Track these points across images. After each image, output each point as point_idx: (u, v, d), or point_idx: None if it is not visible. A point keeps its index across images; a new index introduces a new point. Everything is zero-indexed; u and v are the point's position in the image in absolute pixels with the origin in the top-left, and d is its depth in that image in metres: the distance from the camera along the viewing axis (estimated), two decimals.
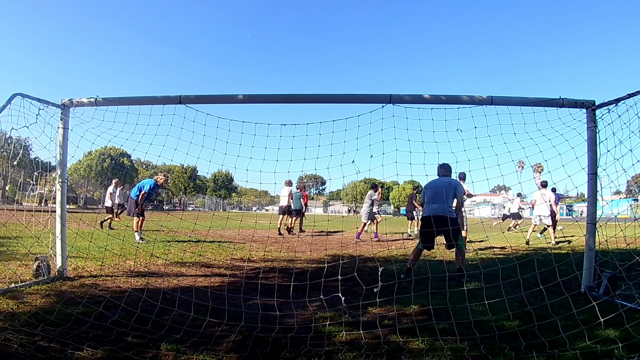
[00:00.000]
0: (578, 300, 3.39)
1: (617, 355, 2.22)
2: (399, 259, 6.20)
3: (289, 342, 2.47)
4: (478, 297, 3.40)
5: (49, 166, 4.83)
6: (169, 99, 3.90)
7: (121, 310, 2.95)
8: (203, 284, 4.19)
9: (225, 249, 7.09)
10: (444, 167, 4.86)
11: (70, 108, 4.16)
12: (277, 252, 7.07)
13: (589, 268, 3.74)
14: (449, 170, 4.86)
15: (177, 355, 2.26)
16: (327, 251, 7.20)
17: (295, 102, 4.26)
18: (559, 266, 4.01)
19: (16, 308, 3.00)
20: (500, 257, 6.72)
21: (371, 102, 3.69)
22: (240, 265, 5.41)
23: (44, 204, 4.42)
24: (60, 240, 4.12)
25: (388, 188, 69.16)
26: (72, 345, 2.28)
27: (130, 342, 2.39)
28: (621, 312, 2.65)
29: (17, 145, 4.50)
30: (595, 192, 3.73)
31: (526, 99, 3.72)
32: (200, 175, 66.23)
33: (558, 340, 2.45)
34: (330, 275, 3.79)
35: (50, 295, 3.45)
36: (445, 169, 4.86)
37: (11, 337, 2.30)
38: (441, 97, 3.70)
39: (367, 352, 2.33)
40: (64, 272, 4.15)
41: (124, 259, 5.43)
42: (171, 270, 4.93)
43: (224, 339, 2.57)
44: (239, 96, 3.92)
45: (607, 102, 3.61)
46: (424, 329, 2.71)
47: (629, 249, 3.72)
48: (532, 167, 4.42)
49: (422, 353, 2.33)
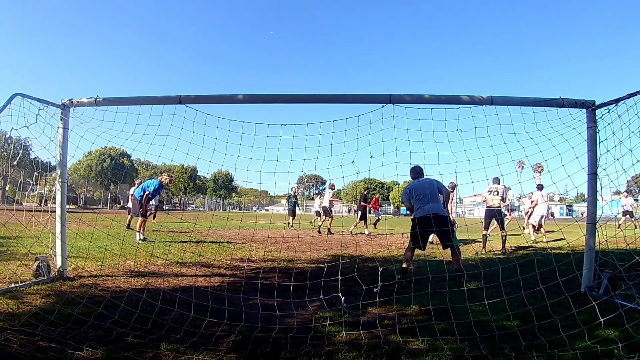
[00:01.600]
0: (578, 300, 3.39)
1: (617, 355, 2.22)
2: (399, 259, 6.20)
3: (289, 342, 2.47)
4: (478, 297, 3.40)
5: (49, 166, 4.83)
6: (169, 99, 3.90)
7: (121, 310, 2.95)
8: (203, 284, 4.19)
9: (225, 249, 7.09)
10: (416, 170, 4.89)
11: (70, 108, 4.16)
12: (277, 252, 7.07)
13: (589, 268, 3.74)
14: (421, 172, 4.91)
15: (177, 355, 2.26)
16: (327, 251, 7.20)
17: (296, 102, 4.26)
18: (559, 266, 4.01)
19: (16, 308, 3.00)
20: (500, 257, 6.72)
21: (371, 102, 3.69)
22: (240, 265, 5.41)
23: (44, 204, 4.42)
24: (60, 240, 4.12)
25: (388, 188, 69.17)
26: (72, 345, 2.28)
27: (130, 342, 2.39)
28: (621, 312, 2.65)
29: (17, 145, 4.51)
30: (595, 192, 3.73)
31: (526, 99, 3.72)
32: (200, 175, 66.25)
33: (558, 340, 2.45)
34: (330, 275, 3.79)
35: (50, 295, 3.45)
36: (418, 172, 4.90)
37: (11, 337, 2.30)
38: (441, 97, 3.71)
39: (367, 352, 2.33)
40: (64, 272, 4.15)
41: (124, 259, 5.43)
42: (171, 270, 4.93)
43: (224, 339, 2.56)
44: (239, 96, 3.93)
45: (607, 102, 3.61)
46: (424, 329, 2.71)
47: (629, 249, 3.73)
48: (532, 167, 4.41)
49: (422, 353, 2.33)
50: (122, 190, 36.54)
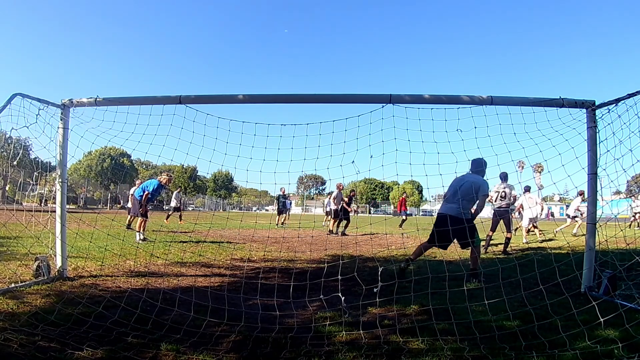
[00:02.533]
0: (578, 300, 3.39)
1: (617, 355, 2.22)
2: (399, 259, 6.20)
3: (289, 342, 2.47)
4: (478, 297, 3.40)
5: (49, 166, 4.83)
6: (169, 99, 3.90)
7: (121, 310, 2.95)
8: (203, 284, 4.19)
9: (225, 249, 7.09)
10: (474, 162, 4.50)
11: (70, 108, 4.16)
12: (277, 252, 7.07)
13: (589, 268, 3.74)
14: (479, 166, 4.49)
15: (177, 355, 2.26)
16: (327, 251, 7.20)
17: (296, 102, 4.26)
18: (559, 266, 4.01)
19: (16, 308, 3.00)
20: (500, 257, 6.73)
21: (371, 102, 3.69)
22: (240, 265, 5.40)
23: (44, 204, 4.42)
24: (60, 240, 4.12)
25: (388, 188, 69.22)
26: (72, 345, 2.28)
27: (130, 342, 2.39)
28: (621, 312, 2.65)
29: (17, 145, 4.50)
30: (596, 192, 3.73)
31: (526, 99, 3.72)
32: (200, 175, 66.33)
33: (558, 340, 2.45)
34: (330, 275, 3.79)
35: (50, 295, 3.45)
36: (475, 165, 4.52)
37: (11, 337, 2.30)
38: (441, 97, 3.70)
39: (367, 352, 2.33)
40: (64, 272, 4.15)
41: (124, 259, 5.43)
42: (171, 270, 4.93)
43: (224, 339, 2.56)
44: (239, 96, 3.93)
45: (607, 102, 3.61)
46: (424, 329, 2.71)
47: (629, 249, 3.73)
48: (532, 167, 4.41)
49: (422, 353, 2.33)
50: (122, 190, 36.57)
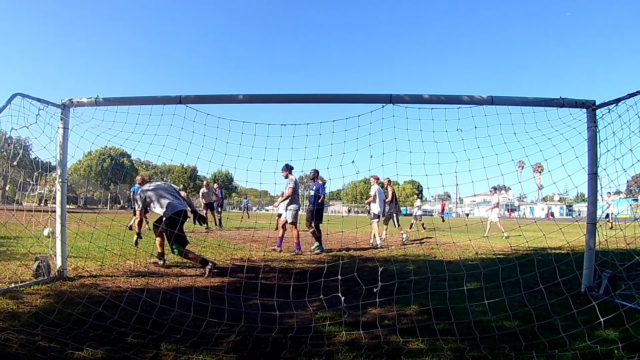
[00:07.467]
0: (578, 300, 3.39)
1: (617, 355, 2.22)
2: (399, 259, 6.21)
3: (289, 342, 2.47)
4: (478, 297, 3.39)
5: (49, 166, 4.83)
6: (169, 99, 3.90)
7: (121, 310, 2.94)
8: (203, 284, 4.19)
9: (225, 249, 7.09)
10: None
11: (70, 108, 4.16)
12: (277, 252, 7.07)
13: (589, 268, 3.74)
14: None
15: (177, 355, 2.26)
16: (327, 251, 7.19)
17: (296, 102, 4.26)
18: (559, 266, 4.01)
19: (16, 308, 3.00)
20: (500, 257, 6.72)
21: (371, 102, 3.69)
22: (240, 265, 5.40)
23: (44, 204, 4.42)
24: (60, 240, 4.12)
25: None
26: (72, 345, 2.28)
27: (130, 342, 2.39)
28: (621, 312, 2.65)
29: (17, 145, 4.51)
30: (596, 192, 3.73)
31: (526, 99, 3.72)
32: (200, 175, 66.17)
33: (558, 340, 2.45)
34: (330, 275, 3.79)
35: (50, 295, 3.45)
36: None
37: (11, 337, 2.30)
38: (441, 97, 3.70)
39: (367, 352, 2.33)
40: (64, 272, 4.15)
41: (124, 259, 5.43)
42: (171, 270, 4.93)
43: (224, 339, 2.56)
44: (239, 96, 3.92)
45: (608, 102, 3.61)
46: (424, 329, 2.71)
47: (629, 249, 3.72)
48: (532, 167, 4.42)
49: (422, 353, 2.33)
50: (122, 190, 36.51)
